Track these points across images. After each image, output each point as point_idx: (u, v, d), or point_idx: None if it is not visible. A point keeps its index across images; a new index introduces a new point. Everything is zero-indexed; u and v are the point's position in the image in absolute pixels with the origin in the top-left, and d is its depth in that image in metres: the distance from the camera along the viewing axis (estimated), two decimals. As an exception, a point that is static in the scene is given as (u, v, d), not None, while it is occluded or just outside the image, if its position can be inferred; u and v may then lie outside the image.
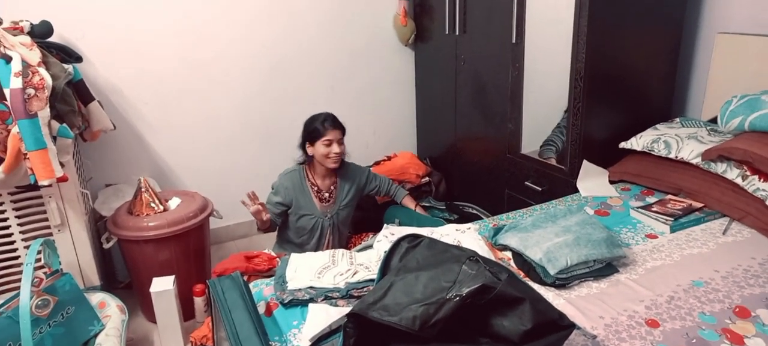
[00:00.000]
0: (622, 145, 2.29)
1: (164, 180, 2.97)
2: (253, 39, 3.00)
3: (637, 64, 2.30)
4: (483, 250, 1.64)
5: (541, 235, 1.64)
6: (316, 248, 2.43)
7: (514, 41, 2.46)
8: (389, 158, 3.26)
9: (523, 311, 1.09)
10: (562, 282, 1.49)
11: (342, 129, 2.36)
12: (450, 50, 3.00)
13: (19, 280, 2.04)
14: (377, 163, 3.25)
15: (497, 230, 1.79)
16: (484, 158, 2.92)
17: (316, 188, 2.41)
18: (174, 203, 2.39)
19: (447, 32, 2.93)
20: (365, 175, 2.57)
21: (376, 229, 2.46)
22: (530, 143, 2.60)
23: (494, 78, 2.69)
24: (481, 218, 2.37)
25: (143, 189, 2.30)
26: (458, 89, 3.03)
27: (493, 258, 1.62)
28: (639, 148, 2.21)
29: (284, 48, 3.09)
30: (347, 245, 2.58)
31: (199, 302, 2.34)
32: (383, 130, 3.57)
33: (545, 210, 2.02)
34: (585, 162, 2.27)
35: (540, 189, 2.46)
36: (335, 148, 2.31)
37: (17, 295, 1.80)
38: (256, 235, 2.70)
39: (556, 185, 2.38)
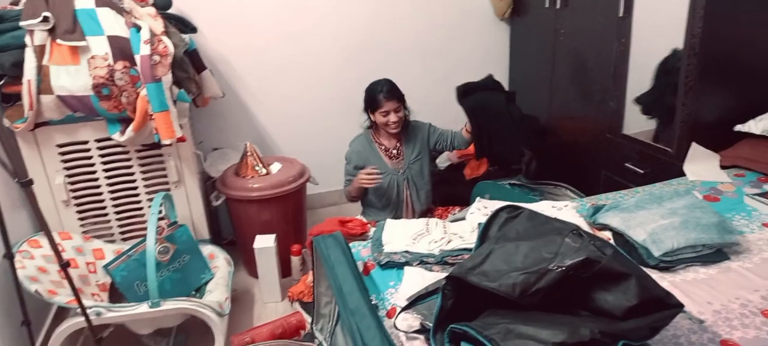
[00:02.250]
0: (738, 128, 2.13)
1: (264, 146, 3.15)
2: (348, 12, 3.08)
3: (758, 41, 2.11)
4: (582, 227, 1.61)
5: (645, 216, 1.58)
6: (397, 207, 2.49)
7: (621, 15, 2.34)
8: (479, 135, 3.23)
9: (628, 287, 1.07)
10: (666, 265, 1.44)
11: (398, 98, 2.37)
12: (549, 24, 2.90)
13: (141, 228, 2.29)
14: (467, 139, 3.24)
15: (597, 209, 1.74)
16: (581, 138, 2.82)
17: (383, 148, 2.47)
18: (275, 167, 2.54)
19: (547, 5, 2.84)
20: (427, 130, 2.53)
21: (463, 204, 2.47)
22: (633, 123, 2.48)
23: (596, 54, 2.58)
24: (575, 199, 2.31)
25: (249, 153, 2.47)
26: (555, 65, 2.93)
27: (591, 236, 1.58)
28: (758, 132, 2.05)
29: (379, 21, 3.15)
30: (430, 211, 2.60)
31: (295, 261, 2.49)
32: (474, 106, 3.52)
33: (649, 192, 1.94)
34: (694, 145, 2.13)
35: (642, 172, 2.34)
36: (392, 117, 2.35)
37: (142, 241, 2.01)
38: (346, 203, 2.81)
39: (660, 168, 2.26)
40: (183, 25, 2.50)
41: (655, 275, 1.42)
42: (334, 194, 3.37)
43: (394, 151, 2.48)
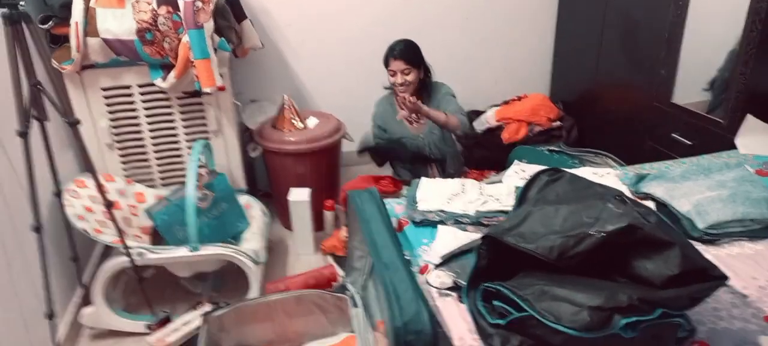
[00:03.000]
0: (799, 102, 2.01)
1: (301, 100, 3.15)
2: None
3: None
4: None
5: (690, 187, 1.52)
6: (425, 173, 2.45)
7: (679, -24, 2.21)
8: (519, 99, 3.16)
9: (670, 256, 1.04)
10: (710, 238, 1.39)
11: (407, 59, 2.30)
12: (601, -15, 2.77)
13: (181, 174, 2.35)
14: (506, 102, 3.17)
15: (640, 178, 1.69)
16: (626, 105, 2.72)
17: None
18: (312, 122, 2.55)
19: (599, -35, 2.70)
20: (439, 95, 2.43)
21: (499, 168, 2.43)
22: (683, 93, 2.36)
23: (651, 17, 2.45)
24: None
25: (287, 106, 2.48)
26: (605, 29, 2.81)
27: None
28: (820, 107, 1.93)
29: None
30: (463, 174, 2.56)
31: (328, 215, 2.51)
32: (515, 69, 3.43)
33: (697, 163, 1.86)
34: (749, 116, 2.03)
35: (690, 143, 2.25)
36: (398, 78, 2.30)
37: (182, 187, 2.06)
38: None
39: (709, 140, 2.16)
40: (224, -27, 2.49)
41: (698, 247, 1.38)
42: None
43: (414, 115, 2.40)
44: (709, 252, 1.36)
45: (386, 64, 2.34)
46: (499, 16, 3.25)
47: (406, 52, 2.31)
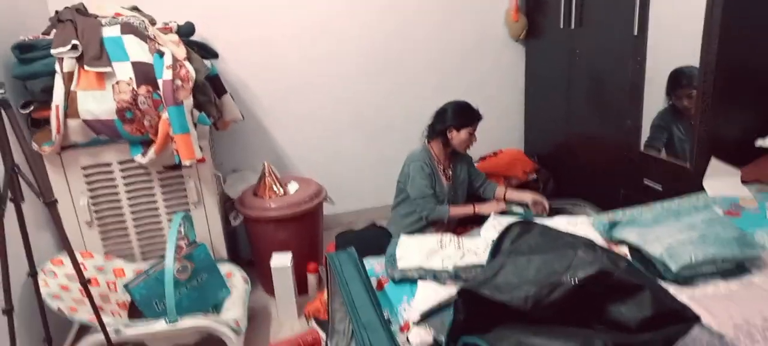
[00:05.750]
0: (759, 143, 2.09)
1: (281, 166, 3.19)
2: (366, 35, 3.13)
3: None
4: (598, 242, 1.60)
5: (662, 231, 1.56)
6: (438, 225, 2.48)
7: (635, 33, 2.35)
8: (495, 154, 3.24)
9: (643, 299, 1.06)
10: (684, 279, 1.42)
11: None
12: (564, 45, 2.92)
13: (162, 247, 2.33)
14: (483, 158, 3.24)
15: (613, 225, 1.73)
16: (598, 156, 2.80)
17: (442, 167, 2.50)
18: (293, 187, 2.57)
19: (562, 26, 2.85)
20: (470, 160, 2.64)
21: (480, 223, 2.46)
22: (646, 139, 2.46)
23: (612, 72, 2.58)
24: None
25: (267, 173, 2.51)
26: (571, 85, 2.93)
27: (607, 252, 1.57)
28: (781, 147, 2.01)
29: (396, 43, 3.19)
30: (451, 229, 2.59)
31: (312, 278, 2.50)
32: (490, 127, 3.51)
33: (667, 207, 1.91)
34: (713, 159, 2.10)
35: (660, 188, 2.32)
36: (474, 137, 2.44)
37: (161, 260, 2.05)
38: (361, 223, 2.82)
39: (679, 185, 2.23)
40: (205, 51, 2.58)
41: (672, 289, 1.40)
42: (350, 215, 3.39)
43: (449, 172, 2.53)
44: (684, 293, 1.38)
45: (470, 121, 2.42)
46: (470, 79, 3.38)
47: None
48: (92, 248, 2.26)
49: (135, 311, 2.08)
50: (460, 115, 2.42)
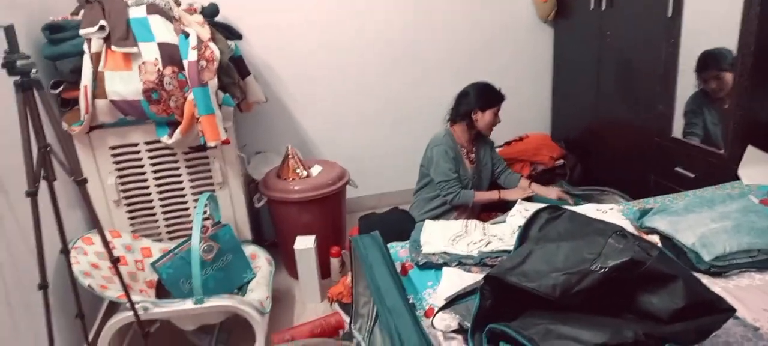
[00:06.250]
0: (799, 130, 2.01)
1: (305, 149, 3.20)
2: (389, 20, 3.10)
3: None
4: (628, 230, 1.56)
5: (694, 219, 1.52)
6: (461, 210, 2.46)
7: (669, 15, 2.27)
8: (521, 139, 3.19)
9: (675, 289, 1.03)
10: (717, 270, 1.38)
11: None
12: (594, 26, 2.84)
13: (187, 227, 2.36)
14: (508, 143, 3.20)
15: (644, 213, 1.69)
16: (628, 142, 2.73)
17: (465, 150, 2.47)
18: (316, 170, 2.58)
19: (592, 6, 2.78)
20: (492, 144, 2.61)
21: (505, 209, 2.44)
22: (682, 126, 2.38)
23: (644, 55, 2.50)
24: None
25: (290, 156, 2.51)
26: (601, 68, 2.86)
27: (637, 240, 1.53)
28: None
29: (420, 27, 3.16)
30: (474, 215, 2.57)
31: (334, 262, 2.51)
32: (516, 111, 3.46)
33: (700, 195, 1.86)
34: (750, 147, 2.03)
35: (692, 176, 2.25)
36: (499, 118, 2.41)
37: (187, 240, 2.08)
38: (384, 206, 2.82)
39: (711, 172, 2.16)
40: (229, 33, 2.58)
41: (705, 279, 1.37)
42: (373, 199, 3.39)
43: (473, 155, 2.50)
44: (717, 285, 1.34)
45: (494, 102, 2.39)
46: (496, 62, 3.33)
47: None
48: (120, 227, 2.30)
49: (162, 290, 2.12)
50: (484, 97, 2.38)
